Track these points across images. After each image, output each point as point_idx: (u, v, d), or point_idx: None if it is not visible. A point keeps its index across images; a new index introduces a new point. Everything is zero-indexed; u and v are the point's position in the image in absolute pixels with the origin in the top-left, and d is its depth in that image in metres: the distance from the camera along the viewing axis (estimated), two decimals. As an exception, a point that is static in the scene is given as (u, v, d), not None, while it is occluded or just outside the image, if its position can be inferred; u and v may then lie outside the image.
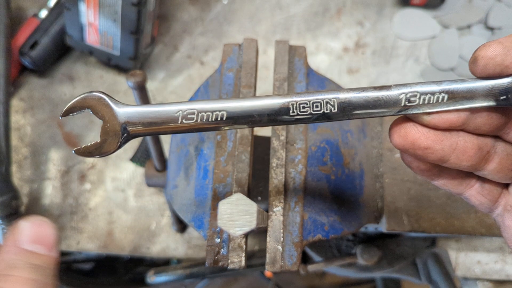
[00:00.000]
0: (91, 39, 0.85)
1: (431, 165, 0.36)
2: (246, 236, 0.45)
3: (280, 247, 0.45)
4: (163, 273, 0.82)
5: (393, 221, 0.60)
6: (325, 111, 0.34)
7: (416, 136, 0.34)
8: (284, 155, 0.49)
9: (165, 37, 0.96)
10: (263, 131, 0.88)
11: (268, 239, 0.46)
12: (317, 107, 0.34)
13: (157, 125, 0.35)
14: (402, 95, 0.33)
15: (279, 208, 0.47)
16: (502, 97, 0.32)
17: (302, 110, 0.34)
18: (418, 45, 0.95)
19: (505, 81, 0.32)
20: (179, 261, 0.90)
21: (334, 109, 0.34)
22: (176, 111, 0.35)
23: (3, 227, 0.69)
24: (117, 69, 0.93)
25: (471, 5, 0.96)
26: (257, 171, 0.59)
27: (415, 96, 0.33)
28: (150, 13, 0.83)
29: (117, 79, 0.93)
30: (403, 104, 0.33)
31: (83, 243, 0.83)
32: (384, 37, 0.96)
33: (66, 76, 0.93)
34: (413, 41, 0.96)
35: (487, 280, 0.82)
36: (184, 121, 0.35)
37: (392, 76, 0.93)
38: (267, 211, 0.47)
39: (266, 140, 0.58)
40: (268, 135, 0.54)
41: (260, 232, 0.42)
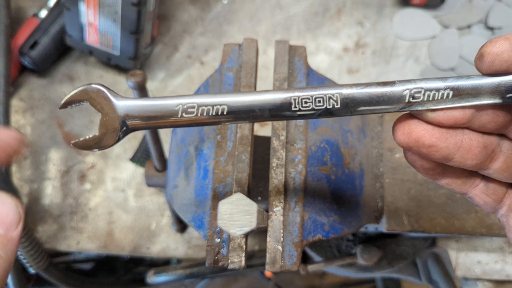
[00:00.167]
0: (91, 39, 0.85)
1: (435, 164, 0.36)
2: (246, 236, 0.45)
3: (280, 247, 0.45)
4: (163, 273, 0.82)
5: (393, 221, 0.60)
6: (328, 107, 0.33)
7: (420, 133, 0.33)
8: (284, 155, 0.49)
9: (165, 37, 0.96)
10: (263, 131, 0.88)
11: (268, 239, 0.46)
12: (319, 102, 0.33)
13: (156, 118, 0.34)
14: (406, 91, 0.32)
15: (279, 208, 0.47)
16: (508, 95, 0.31)
17: (304, 105, 0.33)
18: (418, 45, 0.95)
19: None
20: (179, 261, 0.90)
21: (337, 105, 0.33)
22: (176, 104, 0.34)
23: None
24: (117, 69, 0.93)
25: (471, 5, 0.96)
26: (257, 171, 0.59)
27: (420, 92, 0.32)
28: (150, 13, 0.83)
29: (117, 79, 0.93)
30: (407, 100, 0.32)
31: (83, 243, 0.83)
32: (384, 37, 0.96)
33: (66, 76, 0.93)
34: (413, 41, 0.96)
35: (487, 280, 0.82)
36: (184, 115, 0.34)
37: (392, 76, 0.93)
38: (267, 211, 0.47)
39: (266, 140, 0.58)
40: (268, 135, 0.54)
41: (260, 232, 0.42)
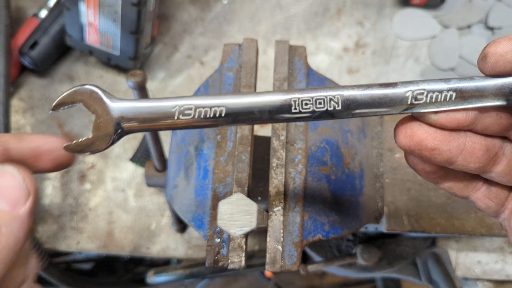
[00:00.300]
0: (91, 39, 0.85)
1: (437, 167, 0.35)
2: (246, 236, 0.45)
3: (280, 247, 0.45)
4: (163, 273, 0.82)
5: (393, 221, 0.60)
6: (329, 109, 0.32)
7: (423, 136, 0.32)
8: (284, 155, 0.49)
9: (165, 37, 0.96)
10: (263, 131, 0.88)
11: (268, 239, 0.46)
12: (320, 104, 0.32)
13: (152, 121, 0.33)
14: (408, 92, 0.31)
15: (279, 208, 0.47)
16: None
17: (304, 107, 0.32)
18: (418, 45, 0.95)
19: None
20: (179, 261, 0.90)
21: (338, 107, 0.32)
22: (172, 106, 0.33)
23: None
24: (117, 69, 0.93)
25: (471, 5, 0.96)
26: (257, 171, 0.59)
27: (422, 94, 0.31)
28: (150, 13, 0.83)
29: (117, 79, 0.93)
30: (409, 102, 0.32)
31: (83, 243, 0.83)
32: (384, 37, 0.96)
33: (66, 76, 0.93)
34: (413, 41, 0.96)
35: (487, 280, 0.82)
36: (181, 117, 0.33)
37: (392, 76, 0.93)
38: (267, 211, 0.46)
39: (266, 140, 0.58)
40: (268, 135, 0.54)
41: (260, 232, 0.42)
